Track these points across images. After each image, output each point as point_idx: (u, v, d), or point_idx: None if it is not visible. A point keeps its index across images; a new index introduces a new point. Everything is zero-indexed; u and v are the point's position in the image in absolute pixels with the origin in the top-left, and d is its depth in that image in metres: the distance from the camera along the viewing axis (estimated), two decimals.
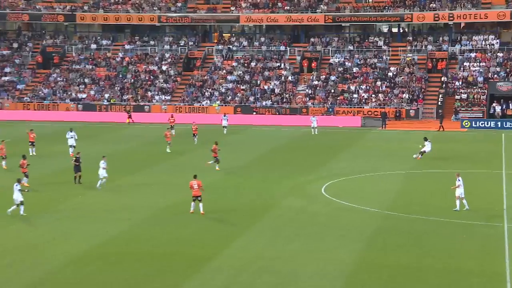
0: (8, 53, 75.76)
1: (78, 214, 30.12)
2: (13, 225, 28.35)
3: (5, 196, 31.96)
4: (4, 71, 73.29)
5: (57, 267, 23.23)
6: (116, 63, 74.20)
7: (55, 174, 38.99)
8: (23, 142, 46.09)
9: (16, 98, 69.39)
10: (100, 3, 77.66)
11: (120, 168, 40.58)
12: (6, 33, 79.17)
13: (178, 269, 23.07)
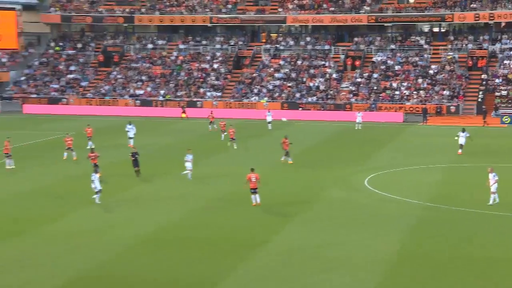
0: (73, 52, 77.10)
1: (140, 202, 30.56)
2: (81, 210, 28.88)
3: (79, 184, 32.59)
4: (69, 69, 74.58)
5: (119, 251, 23.64)
6: (171, 61, 74.82)
7: (116, 165, 39.54)
8: (84, 135, 46.86)
9: (80, 94, 70.59)
10: (156, 6, 78.38)
11: (177, 159, 40.99)
12: (71, 35, 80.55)
13: (231, 253, 23.25)
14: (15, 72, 72.84)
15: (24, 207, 29.87)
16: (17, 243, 24.62)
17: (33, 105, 68.24)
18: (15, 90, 70.88)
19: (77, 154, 40.90)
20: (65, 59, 76.19)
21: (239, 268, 21.84)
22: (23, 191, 32.92)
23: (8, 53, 75.24)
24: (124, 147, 44.74)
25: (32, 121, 61.29)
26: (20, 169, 38.13)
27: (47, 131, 53.81)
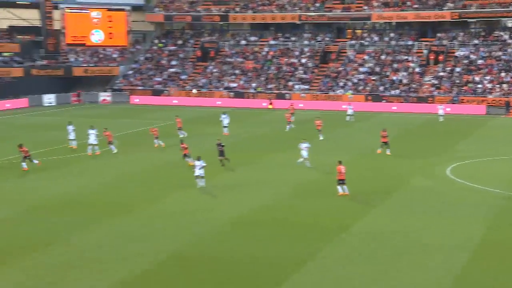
0: (174, 48, 78.55)
1: (232, 187, 30.75)
2: (180, 193, 29.35)
3: (176, 169, 33.10)
4: (171, 64, 76.07)
5: (214, 231, 23.87)
6: (262, 56, 74.93)
7: (209, 152, 39.98)
8: (183, 124, 47.56)
9: (180, 86, 71.88)
10: (249, 5, 78.64)
11: (265, 147, 41.05)
12: (173, 32, 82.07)
13: (317, 236, 23.03)
14: (124, 67, 74.99)
15: (130, 188, 30.67)
16: (125, 220, 25.31)
17: (139, 96, 70.08)
18: (124, 82, 73.01)
19: (171, 142, 41.53)
20: (167, 54, 77.71)
21: (325, 249, 21.59)
22: (128, 173, 33.79)
23: (118, 50, 77.57)
24: (217, 135, 45.26)
25: (138, 110, 62.97)
26: (125, 153, 39.18)
27: (151, 120, 55.13)
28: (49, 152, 39.72)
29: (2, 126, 51.71)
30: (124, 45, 77.87)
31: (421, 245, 21.84)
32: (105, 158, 37.79)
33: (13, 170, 34.49)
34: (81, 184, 31.27)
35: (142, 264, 20.43)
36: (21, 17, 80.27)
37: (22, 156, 34.08)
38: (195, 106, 66.19)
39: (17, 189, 30.35)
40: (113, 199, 28.58)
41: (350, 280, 19.08)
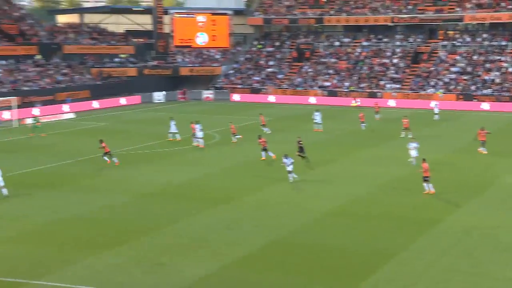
0: (272, 50, 79.03)
1: (326, 180, 30.63)
2: (276, 185, 29.58)
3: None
4: (268, 64, 76.59)
5: (309, 221, 23.93)
6: (355, 57, 73.94)
7: (305, 147, 39.94)
8: (278, 120, 47.83)
9: (277, 85, 72.24)
10: (343, 8, 77.75)
11: (356, 143, 40.58)
12: (271, 34, 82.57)
13: (408, 228, 22.56)
14: (225, 67, 76.27)
15: (230, 179, 31.22)
16: (226, 209, 25.83)
17: (239, 94, 71.08)
18: (225, 81, 74.29)
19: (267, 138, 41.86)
20: (265, 55, 78.28)
21: (418, 242, 21.11)
22: (227, 166, 34.38)
23: (220, 51, 78.99)
24: (309, 131, 45.19)
25: (237, 107, 63.90)
26: (226, 147, 39.91)
27: (250, 116, 55.79)
28: (158, 144, 41.12)
29: (118, 121, 54.03)
30: (226, 47, 79.17)
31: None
32: (208, 151, 38.64)
33: (126, 160, 35.95)
34: (187, 174, 32.16)
35: (244, 249, 20.79)
36: (136, 22, 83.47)
37: (103, 152, 34.04)
38: (291, 104, 66.32)
39: (129, 178, 31.62)
40: (215, 189, 29.21)
41: (445, 272, 18.52)
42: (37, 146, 40.48)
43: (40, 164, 34.45)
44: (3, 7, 71.42)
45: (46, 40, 69.61)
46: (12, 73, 60.85)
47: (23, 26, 69.28)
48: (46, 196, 27.68)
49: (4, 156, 37.15)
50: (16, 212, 25.27)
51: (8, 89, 57.13)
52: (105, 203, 26.59)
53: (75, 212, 25.17)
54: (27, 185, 29.74)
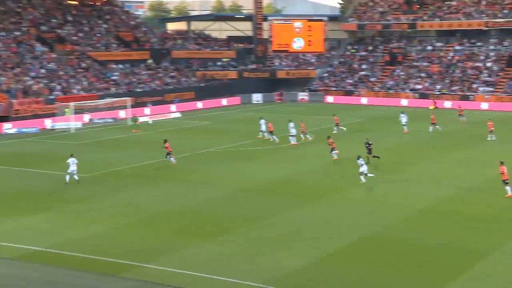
0: (365, 54, 77.87)
1: (413, 179, 29.93)
2: (365, 183, 29.24)
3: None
4: (361, 68, 75.53)
5: (400, 219, 23.52)
6: (447, 60, 71.31)
7: (390, 148, 39.09)
8: (369, 122, 47.04)
9: (369, 88, 71.08)
10: (436, 13, 75.16)
11: (444, 145, 39.29)
12: (364, 39, 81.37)
13: (498, 230, 21.64)
14: (320, 70, 76.01)
15: (321, 177, 31.17)
16: (319, 205, 25.87)
17: (333, 96, 70.58)
18: (319, 84, 74.04)
19: (357, 138, 41.22)
20: (358, 59, 77.23)
21: (507, 244, 20.14)
22: (319, 164, 34.30)
23: (316, 55, 78.80)
24: (399, 133, 44.17)
25: (331, 108, 63.53)
26: (318, 146, 39.84)
27: (343, 117, 55.27)
28: (255, 142, 41.69)
29: (220, 120, 55.30)
30: (321, 51, 78.88)
31: None
32: (302, 149, 38.76)
33: (226, 157, 36.76)
34: (282, 171, 32.45)
35: (337, 243, 20.80)
36: (237, 29, 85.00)
37: (166, 152, 33.97)
38: (382, 105, 65.09)
39: (230, 174, 32.33)
40: (308, 185, 29.28)
41: None
42: (148, 142, 42.29)
43: (150, 159, 35.97)
44: (121, 17, 75.12)
45: (157, 46, 72.44)
46: (127, 76, 63.90)
47: (137, 34, 72.51)
48: (157, 189, 28.91)
49: (119, 150, 39.13)
50: (133, 201, 26.61)
51: (124, 90, 60.05)
52: (209, 196, 27.38)
53: (183, 203, 26.13)
54: (140, 177, 31.18)
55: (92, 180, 30.37)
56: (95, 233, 22.04)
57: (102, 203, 26.12)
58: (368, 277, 17.94)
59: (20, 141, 42.93)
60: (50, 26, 64.66)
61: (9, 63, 55.12)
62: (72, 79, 57.65)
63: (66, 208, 25.32)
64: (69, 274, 18.26)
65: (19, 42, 59.00)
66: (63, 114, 50.06)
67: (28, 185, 29.38)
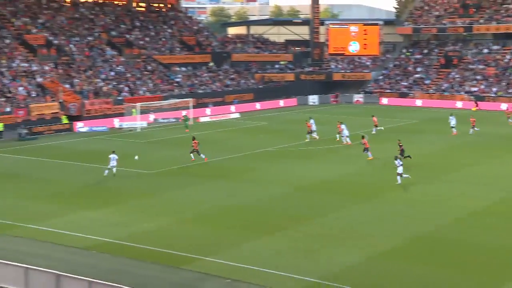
0: (420, 57, 76.03)
1: (469, 180, 29.02)
2: (423, 185, 28.51)
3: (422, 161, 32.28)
4: (416, 70, 73.75)
5: (452, 219, 22.87)
6: (504, 63, 68.60)
7: (443, 149, 37.99)
8: (422, 123, 45.88)
9: (424, 90, 69.32)
10: (493, 16, 72.44)
11: (500, 146, 37.86)
12: (419, 42, 79.42)
13: None
14: (375, 73, 74.79)
15: (376, 176, 30.63)
16: (373, 204, 25.45)
17: (387, 98, 69.26)
18: (374, 86, 72.83)
19: (416, 139, 40.20)
20: (413, 62, 75.45)
21: None
22: (374, 164, 33.72)
23: (371, 58, 77.57)
24: (448, 134, 42.96)
25: (385, 110, 62.39)
26: (372, 146, 39.16)
27: (397, 118, 54.27)
28: (311, 142, 41.42)
29: (277, 121, 55.28)
30: (376, 54, 77.58)
31: None
32: (357, 149, 38.23)
33: (282, 156, 36.68)
34: (337, 170, 32.10)
35: (391, 242, 20.42)
36: (294, 32, 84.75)
37: (192, 149, 34.14)
38: (436, 107, 63.40)
39: (286, 172, 32.25)
40: (363, 185, 28.85)
41: None
42: (208, 141, 42.74)
43: (211, 157, 36.34)
44: (184, 22, 76.37)
45: (218, 49, 73.19)
46: (190, 78, 64.86)
47: (200, 38, 73.50)
48: (217, 186, 29.18)
49: (181, 148, 39.72)
50: (194, 197, 26.97)
51: (186, 91, 60.99)
52: (266, 193, 27.41)
53: (241, 200, 26.27)
54: (201, 174, 31.56)
55: (157, 176, 30.99)
56: (159, 227, 22.47)
57: (166, 198, 26.61)
58: (423, 276, 17.50)
59: (91, 139, 44.34)
60: (120, 32, 66.49)
61: (82, 66, 57.03)
62: (138, 81, 59.06)
63: (133, 202, 25.94)
64: (134, 265, 18.70)
65: (91, 46, 60.95)
66: (130, 114, 51.34)
67: (98, 180, 30.29)
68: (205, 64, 69.07)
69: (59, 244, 20.38)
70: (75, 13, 65.38)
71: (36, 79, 52.03)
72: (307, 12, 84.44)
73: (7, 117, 45.70)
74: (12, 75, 50.86)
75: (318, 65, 76.20)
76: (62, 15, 63.64)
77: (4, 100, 47.55)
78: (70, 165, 33.91)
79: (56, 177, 30.71)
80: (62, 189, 28.14)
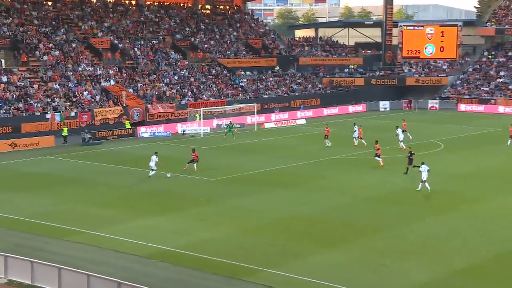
0: (503, 60, 73.07)
1: None
2: (501, 196, 27.30)
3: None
4: (499, 75, 70.89)
5: None
6: None
7: None
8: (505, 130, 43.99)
9: (508, 96, 66.45)
10: None
11: None
12: (503, 44, 76.39)
13: None
14: (452, 77, 72.54)
15: (451, 187, 29.60)
16: (448, 217, 24.66)
17: (466, 104, 66.96)
18: (451, 91, 70.61)
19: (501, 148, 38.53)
20: (496, 65, 72.60)
21: None
22: (451, 174, 32.58)
23: (448, 61, 75.30)
24: None
25: (465, 117, 60.34)
26: (450, 156, 37.88)
27: (478, 126, 52.30)
28: (386, 151, 40.58)
29: (346, 127, 54.49)
30: (454, 57, 75.25)
31: None
32: (433, 158, 37.10)
33: (350, 164, 36.10)
34: (407, 180, 31.24)
35: (469, 259, 19.69)
36: (365, 35, 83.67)
37: (191, 160, 33.91)
38: None
39: (353, 181, 31.73)
40: (436, 196, 27.91)
41: None
42: (273, 148, 42.70)
43: (274, 165, 36.28)
44: (251, 24, 77.09)
45: (285, 53, 73.35)
46: (255, 82, 65.28)
47: (266, 41, 73.96)
48: (280, 194, 29.09)
49: (244, 155, 39.95)
50: (255, 206, 26.98)
51: (251, 96, 61.42)
52: (332, 203, 27.07)
53: (305, 210, 26.06)
54: (264, 182, 31.57)
55: (218, 184, 31.26)
56: (219, 236, 22.59)
57: (227, 207, 26.75)
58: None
59: (153, 144, 45.37)
60: (184, 35, 67.97)
61: (146, 70, 58.65)
62: (202, 85, 60.07)
63: (192, 210, 26.26)
64: (195, 275, 18.87)
65: (155, 50, 62.60)
66: (194, 119, 52.20)
67: (160, 186, 30.91)
68: (271, 68, 69.36)
69: (119, 251, 20.88)
70: (140, 16, 67.43)
71: (101, 83, 53.94)
72: (379, 13, 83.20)
73: (71, 121, 47.56)
74: (77, 79, 52.99)
75: (390, 69, 74.80)
76: (127, 18, 65.80)
77: (69, 104, 49.57)
78: (132, 171, 34.79)
79: (118, 183, 31.59)
80: (124, 195, 28.91)
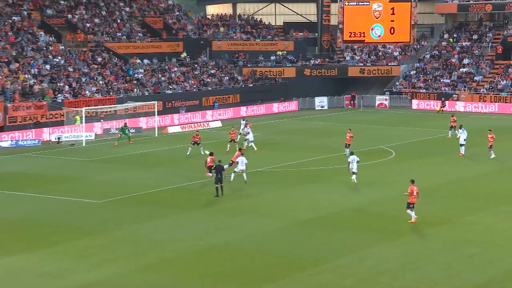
0: (467, 44, 76.21)
1: None
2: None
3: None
4: (462, 63, 73.91)
5: None
6: None
7: None
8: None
9: (472, 89, 69.38)
10: None
11: None
12: (467, 25, 79.73)
13: None
14: (405, 66, 74.88)
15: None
16: (408, 241, 25.11)
17: (421, 101, 69.12)
18: (404, 84, 72.85)
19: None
20: (458, 51, 75.69)
21: None
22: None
23: (400, 46, 77.65)
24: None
25: (421, 117, 62.31)
26: (412, 165, 38.93)
27: (436, 128, 54.06)
28: (326, 159, 41.08)
29: (271, 131, 54.89)
30: (407, 41, 77.83)
31: None
32: (387, 168, 37.99)
33: (281, 179, 36.30)
34: (361, 196, 31.76)
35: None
36: (296, 12, 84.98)
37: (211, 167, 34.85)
38: (490, 113, 63.44)
39: (285, 200, 31.84)
40: (391, 217, 28.50)
41: None
42: (175, 160, 42.28)
43: (178, 182, 35.88)
44: None
45: (194, 35, 73.28)
46: (155, 73, 64.55)
47: (168, 20, 73.45)
48: (190, 218, 28.72)
49: (141, 169, 39.31)
50: (157, 235, 26.44)
51: (150, 92, 60.79)
52: (256, 230, 26.93)
53: (221, 238, 25.81)
54: (166, 204, 31.11)
55: (104, 208, 30.67)
56: (106, 277, 22.00)
57: (117, 237, 26.18)
58: None
59: (17, 156, 43.95)
60: (58, 10, 66.30)
61: (4, 57, 56.66)
62: (84, 77, 58.71)
63: (70, 243, 25.51)
64: None
65: (17, 29, 60.65)
66: (73, 123, 51.05)
67: (21, 213, 29.96)
68: (176, 55, 69.00)
69: None
70: None
71: None
72: None
73: None
74: None
75: (327, 57, 76.35)
76: None
77: None
78: None
79: None
80: None
